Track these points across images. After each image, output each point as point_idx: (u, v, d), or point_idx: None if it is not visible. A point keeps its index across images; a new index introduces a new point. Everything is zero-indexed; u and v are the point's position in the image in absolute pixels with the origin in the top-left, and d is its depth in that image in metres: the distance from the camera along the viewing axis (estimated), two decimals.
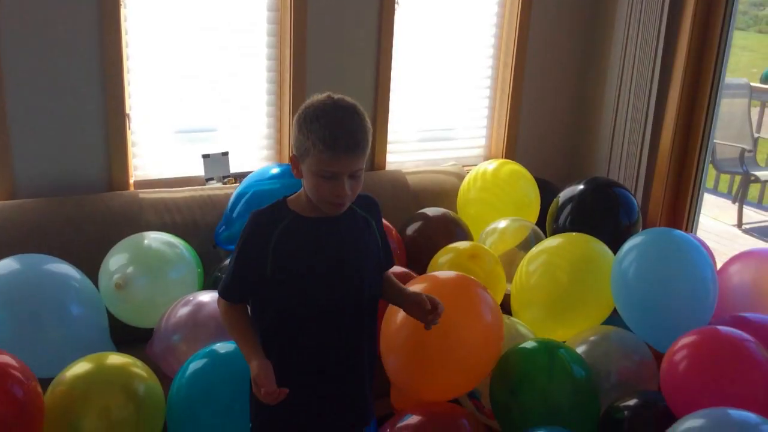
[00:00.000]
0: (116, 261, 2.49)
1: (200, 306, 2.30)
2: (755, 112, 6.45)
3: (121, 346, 2.41)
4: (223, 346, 2.12)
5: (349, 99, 1.68)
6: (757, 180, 5.76)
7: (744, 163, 5.72)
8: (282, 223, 1.71)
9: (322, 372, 1.77)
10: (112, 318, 2.48)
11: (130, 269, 2.44)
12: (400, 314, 2.17)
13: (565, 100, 3.82)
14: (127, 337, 2.51)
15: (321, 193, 1.66)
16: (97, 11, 2.70)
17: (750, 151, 5.85)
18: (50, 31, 2.66)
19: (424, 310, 1.82)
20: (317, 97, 1.68)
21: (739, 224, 5.67)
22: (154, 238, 2.59)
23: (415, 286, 2.23)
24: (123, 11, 2.78)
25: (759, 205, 6.13)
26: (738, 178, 6.05)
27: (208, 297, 2.33)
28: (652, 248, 2.39)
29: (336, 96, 1.67)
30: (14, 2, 2.58)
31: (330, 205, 1.69)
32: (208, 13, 2.96)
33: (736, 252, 2.85)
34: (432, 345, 2.14)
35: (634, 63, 3.41)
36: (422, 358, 2.18)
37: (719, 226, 5.57)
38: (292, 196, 1.77)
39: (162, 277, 2.50)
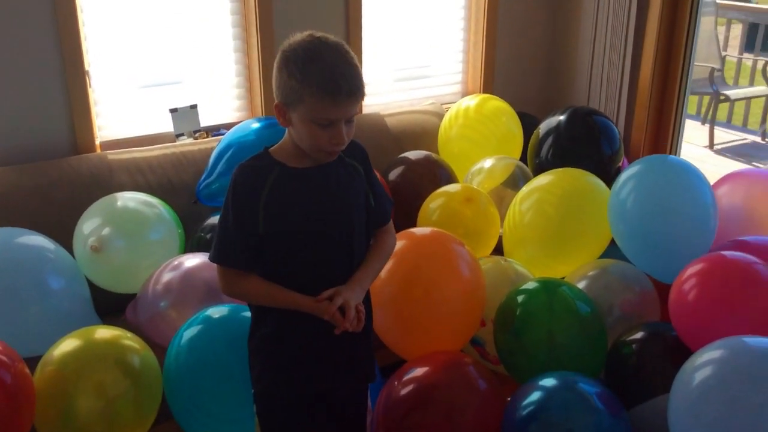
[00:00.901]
0: (90, 224, 2.35)
1: (187, 270, 2.19)
2: (721, 30, 6.40)
3: (104, 317, 2.31)
4: (216, 311, 2.03)
5: (332, 37, 1.57)
6: (727, 99, 5.74)
7: (713, 83, 5.70)
8: (270, 176, 1.62)
9: (319, 327, 1.67)
10: (91, 287, 2.36)
11: (105, 231, 2.30)
12: (384, 271, 2.12)
13: (542, 29, 3.71)
14: (109, 306, 2.39)
15: (317, 141, 1.56)
16: None
17: (719, 71, 5.82)
18: None
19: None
20: (299, 37, 1.56)
21: (711, 145, 5.68)
22: (129, 198, 2.45)
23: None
24: None
25: (728, 124, 6.13)
26: (706, 99, 6.03)
27: (195, 260, 2.22)
28: (650, 176, 2.34)
29: (318, 34, 1.56)
30: None
31: (325, 153, 1.60)
32: None
33: (710, 174, 2.80)
34: (414, 302, 2.13)
35: None
36: (405, 316, 2.15)
37: (691, 148, 5.57)
38: (274, 147, 1.67)
39: (141, 239, 2.37)
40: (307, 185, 1.63)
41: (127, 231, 2.34)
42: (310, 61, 1.51)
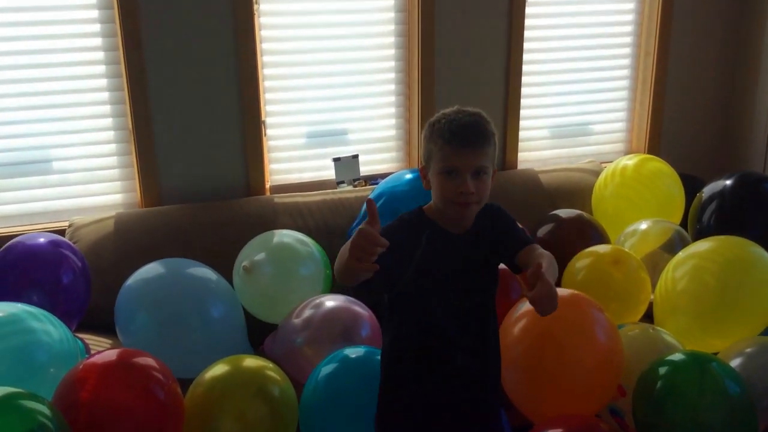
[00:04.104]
0: (247, 252, 2.57)
1: (327, 309, 2.31)
2: None
3: (256, 347, 2.48)
4: (353, 352, 2.12)
5: (473, 108, 1.70)
6: None
7: None
8: (427, 230, 1.72)
9: (447, 376, 1.76)
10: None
11: (258, 256, 2.50)
12: (517, 327, 2.13)
13: (716, 90, 3.54)
14: (257, 337, 2.56)
15: (445, 192, 1.65)
16: (232, 22, 2.80)
17: None
18: (189, 44, 2.78)
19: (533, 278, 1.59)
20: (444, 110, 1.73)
21: None
22: (286, 234, 2.64)
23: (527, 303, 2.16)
24: (257, 21, 2.85)
25: None
26: None
27: (336, 301, 2.34)
28: None
29: (464, 107, 1.71)
30: (155, 17, 2.71)
31: (454, 205, 1.67)
32: (338, 19, 3.00)
33: None
34: (545, 363, 2.10)
35: None
36: (535, 376, 2.13)
37: None
38: (427, 206, 1.77)
39: (289, 270, 2.54)
40: (456, 245, 1.72)
41: (278, 260, 2.53)
42: (439, 121, 1.67)
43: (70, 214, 2.79)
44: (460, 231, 1.74)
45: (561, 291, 2.29)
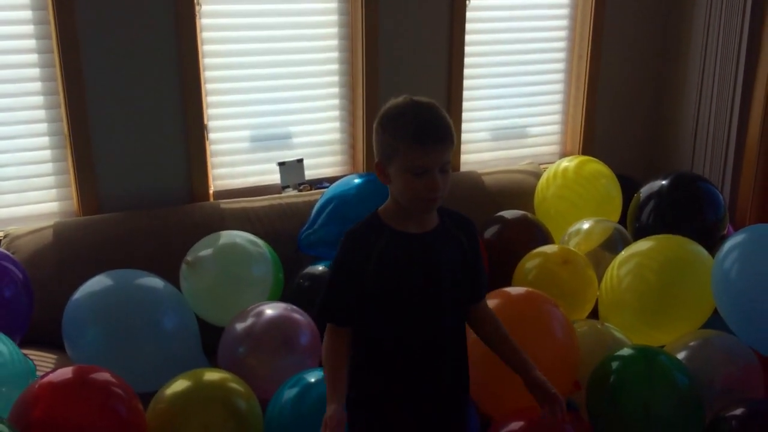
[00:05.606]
0: (193, 250, 2.52)
1: (267, 318, 2.28)
2: None
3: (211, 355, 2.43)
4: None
5: (426, 98, 1.67)
6: None
7: None
8: (380, 241, 1.68)
9: (412, 390, 1.75)
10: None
11: (203, 252, 2.45)
12: None
13: (645, 92, 3.70)
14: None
15: (414, 191, 1.62)
16: (173, 23, 2.72)
17: None
18: (128, 45, 2.69)
19: (543, 398, 1.76)
20: (395, 100, 1.67)
21: None
22: (236, 235, 2.60)
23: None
24: (198, 23, 2.79)
25: None
26: None
27: (273, 310, 2.31)
28: (756, 246, 2.28)
29: (414, 97, 1.67)
30: (93, 17, 2.61)
31: (424, 202, 1.65)
32: (281, 21, 2.96)
33: None
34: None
35: (717, 49, 3.27)
36: (496, 374, 2.12)
37: None
38: (382, 208, 1.74)
39: (234, 267, 2.49)
40: (414, 250, 1.69)
41: (225, 258, 2.49)
42: (401, 116, 1.62)
43: (2, 224, 2.65)
44: (425, 229, 1.70)
45: (516, 289, 2.35)
